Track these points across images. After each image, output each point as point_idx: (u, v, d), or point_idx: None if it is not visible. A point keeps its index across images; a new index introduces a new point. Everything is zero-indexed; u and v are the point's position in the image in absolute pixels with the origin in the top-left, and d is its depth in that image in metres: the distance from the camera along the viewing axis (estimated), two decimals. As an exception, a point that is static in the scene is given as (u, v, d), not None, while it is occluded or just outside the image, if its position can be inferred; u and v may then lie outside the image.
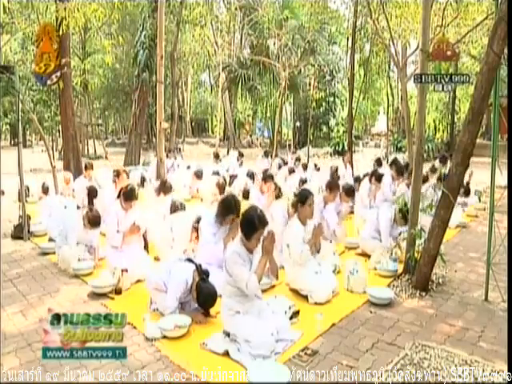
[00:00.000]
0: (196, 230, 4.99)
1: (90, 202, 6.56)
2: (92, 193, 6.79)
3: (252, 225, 3.32)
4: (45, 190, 7.86)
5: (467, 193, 9.02)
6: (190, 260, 3.91)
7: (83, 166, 8.98)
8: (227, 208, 4.60)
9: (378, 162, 10.44)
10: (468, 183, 9.14)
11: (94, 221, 5.13)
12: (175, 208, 5.62)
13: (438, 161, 10.11)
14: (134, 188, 5.18)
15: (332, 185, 5.71)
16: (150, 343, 3.33)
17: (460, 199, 8.16)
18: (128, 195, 5.03)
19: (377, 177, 7.70)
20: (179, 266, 3.82)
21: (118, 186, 6.36)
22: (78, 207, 6.67)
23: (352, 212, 7.55)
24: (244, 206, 4.23)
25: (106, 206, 6.06)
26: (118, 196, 5.13)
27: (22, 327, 3.60)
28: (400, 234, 5.59)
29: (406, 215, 5.19)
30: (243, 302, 3.34)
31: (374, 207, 7.07)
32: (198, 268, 3.77)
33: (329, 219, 5.70)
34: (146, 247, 5.30)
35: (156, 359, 3.13)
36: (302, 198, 4.50)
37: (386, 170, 8.21)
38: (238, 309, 3.33)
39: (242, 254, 3.34)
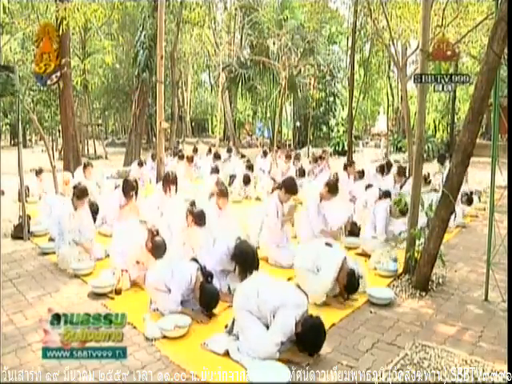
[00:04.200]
0: (191, 214, 5.01)
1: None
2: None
3: None
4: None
5: (470, 202, 8.33)
6: (195, 260, 3.92)
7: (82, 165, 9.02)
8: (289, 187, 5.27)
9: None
10: (472, 193, 8.61)
11: (81, 192, 5.14)
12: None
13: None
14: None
15: (331, 186, 5.71)
16: (150, 343, 3.33)
17: (462, 205, 7.99)
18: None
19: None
20: (183, 265, 3.84)
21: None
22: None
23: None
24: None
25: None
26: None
27: (22, 327, 3.60)
28: (400, 234, 5.60)
29: (402, 209, 5.46)
30: None
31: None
32: (203, 269, 3.78)
33: (326, 214, 5.74)
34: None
35: (156, 359, 3.13)
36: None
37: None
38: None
39: None
